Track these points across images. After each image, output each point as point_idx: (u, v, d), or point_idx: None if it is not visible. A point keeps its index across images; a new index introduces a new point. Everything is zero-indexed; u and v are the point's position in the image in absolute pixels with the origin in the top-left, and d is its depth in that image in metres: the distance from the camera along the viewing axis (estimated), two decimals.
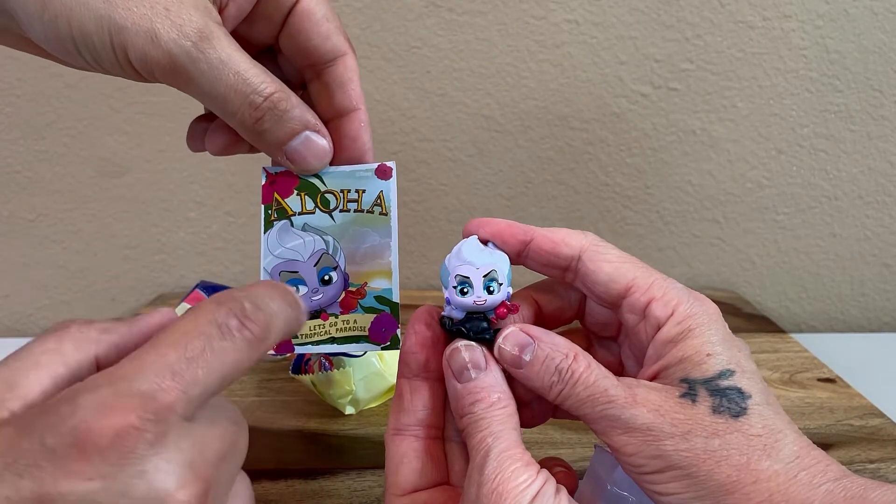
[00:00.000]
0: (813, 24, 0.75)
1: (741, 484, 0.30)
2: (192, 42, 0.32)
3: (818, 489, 0.29)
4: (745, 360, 0.33)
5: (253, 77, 0.33)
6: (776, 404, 0.32)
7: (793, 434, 0.31)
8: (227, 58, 0.33)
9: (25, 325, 0.83)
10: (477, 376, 0.31)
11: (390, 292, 0.38)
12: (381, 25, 0.76)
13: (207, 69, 0.32)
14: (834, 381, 0.57)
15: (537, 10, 0.76)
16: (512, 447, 0.29)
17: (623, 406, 0.31)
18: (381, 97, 0.78)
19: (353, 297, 0.38)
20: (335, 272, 0.39)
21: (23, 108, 0.77)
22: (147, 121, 0.78)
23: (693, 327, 0.33)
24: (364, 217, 0.39)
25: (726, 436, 0.30)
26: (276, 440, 0.48)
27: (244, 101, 0.34)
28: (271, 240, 0.39)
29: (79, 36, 0.32)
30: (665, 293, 0.34)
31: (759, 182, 0.79)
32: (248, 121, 0.34)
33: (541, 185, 0.80)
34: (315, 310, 0.38)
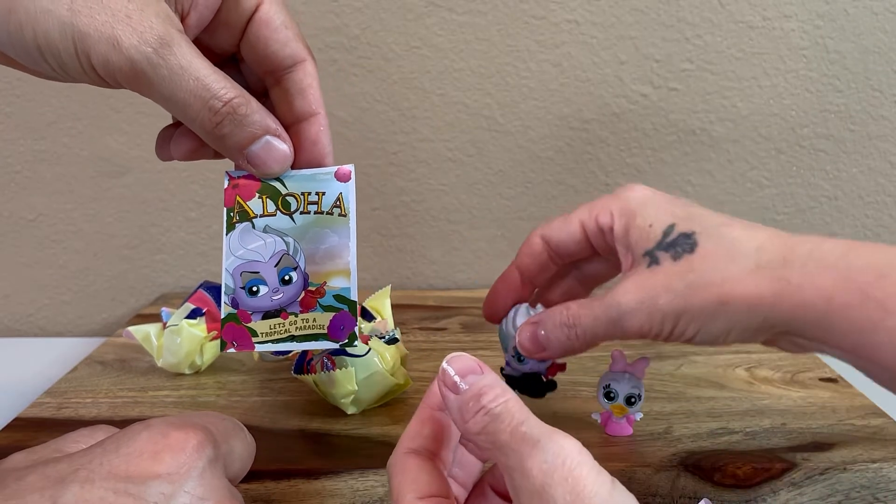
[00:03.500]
0: (813, 24, 0.75)
1: (729, 295, 0.35)
2: (153, 48, 0.33)
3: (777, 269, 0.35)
4: (682, 207, 0.39)
5: (212, 83, 0.34)
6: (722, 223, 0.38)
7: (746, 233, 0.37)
8: (188, 64, 0.34)
9: (25, 325, 0.82)
10: (476, 380, 0.30)
11: (349, 291, 0.40)
12: (381, 25, 0.76)
13: (168, 74, 0.33)
14: (836, 380, 0.57)
15: (537, 10, 0.76)
16: (554, 430, 0.29)
17: (613, 304, 0.38)
18: (381, 97, 0.78)
19: (312, 296, 0.40)
20: (295, 272, 0.40)
21: (23, 108, 0.77)
22: (147, 121, 0.77)
23: (632, 214, 0.40)
24: (324, 218, 0.40)
25: (695, 269, 0.36)
26: (278, 440, 0.48)
27: (204, 105, 0.35)
28: (233, 241, 0.40)
29: (44, 44, 0.32)
30: (606, 204, 0.41)
31: (758, 182, 0.79)
32: (209, 125, 0.35)
33: (541, 185, 0.80)
34: (275, 309, 0.40)
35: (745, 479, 0.45)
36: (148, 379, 0.58)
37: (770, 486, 0.45)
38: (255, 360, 0.57)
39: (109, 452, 0.31)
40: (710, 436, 0.49)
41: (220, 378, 0.58)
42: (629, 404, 0.47)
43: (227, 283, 0.40)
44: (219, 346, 0.41)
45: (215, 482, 0.31)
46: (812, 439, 0.48)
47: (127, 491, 0.29)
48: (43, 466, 0.30)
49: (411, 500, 0.31)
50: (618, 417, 0.48)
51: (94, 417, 0.52)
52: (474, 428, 0.29)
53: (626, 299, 0.38)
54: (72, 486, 0.29)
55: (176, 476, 0.30)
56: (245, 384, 0.57)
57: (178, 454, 0.31)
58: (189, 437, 0.31)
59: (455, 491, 0.34)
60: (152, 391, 0.56)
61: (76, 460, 0.31)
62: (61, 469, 0.30)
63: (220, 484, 0.32)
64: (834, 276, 0.34)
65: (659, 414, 0.52)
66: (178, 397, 0.55)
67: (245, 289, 0.40)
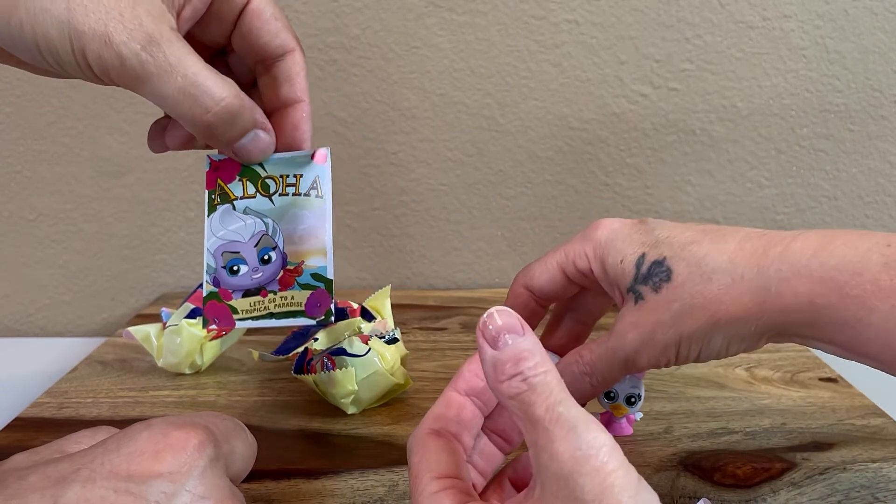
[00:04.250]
0: (813, 25, 0.75)
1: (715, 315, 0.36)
2: (141, 45, 0.34)
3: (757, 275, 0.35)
4: (647, 234, 0.39)
5: (203, 80, 0.35)
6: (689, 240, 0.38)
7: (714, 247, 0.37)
8: (176, 61, 0.35)
9: (25, 325, 0.82)
10: (514, 341, 0.29)
11: (325, 269, 0.41)
12: (381, 25, 0.76)
13: (156, 71, 0.34)
14: (836, 380, 0.57)
15: (537, 10, 0.76)
16: (591, 418, 0.28)
17: (619, 346, 0.38)
18: (381, 97, 0.78)
19: (290, 274, 0.41)
20: (274, 252, 0.41)
21: (23, 108, 0.77)
22: (147, 121, 0.77)
23: (603, 254, 0.40)
24: (301, 200, 0.41)
25: (676, 297, 0.37)
26: (278, 440, 0.48)
27: (194, 103, 0.35)
28: (214, 223, 0.42)
29: (43, 42, 0.34)
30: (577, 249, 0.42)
31: (758, 182, 0.79)
32: (200, 123, 0.36)
33: (541, 185, 0.80)
34: (255, 287, 0.41)
35: (745, 479, 0.45)
36: (148, 379, 0.58)
37: (770, 486, 0.45)
38: (254, 359, 0.57)
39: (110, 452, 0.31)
40: (709, 436, 0.49)
41: (220, 378, 0.58)
42: (629, 404, 0.47)
43: (208, 262, 0.42)
44: (201, 324, 0.42)
45: (216, 481, 0.31)
46: (812, 439, 0.48)
47: (128, 490, 0.29)
48: (44, 466, 0.31)
49: (429, 479, 0.31)
50: (618, 417, 0.48)
51: (94, 417, 0.52)
52: (508, 391, 0.29)
53: (628, 340, 0.38)
54: (73, 486, 0.29)
55: (177, 475, 0.30)
56: (245, 384, 0.57)
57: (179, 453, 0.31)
58: (190, 437, 0.31)
59: (474, 479, 0.34)
60: (152, 391, 0.56)
61: (77, 460, 0.31)
62: (62, 469, 0.30)
63: (222, 483, 0.32)
64: (810, 279, 0.34)
65: (659, 414, 0.52)
66: (178, 397, 0.55)
67: (226, 268, 0.41)
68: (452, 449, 0.33)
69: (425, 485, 0.31)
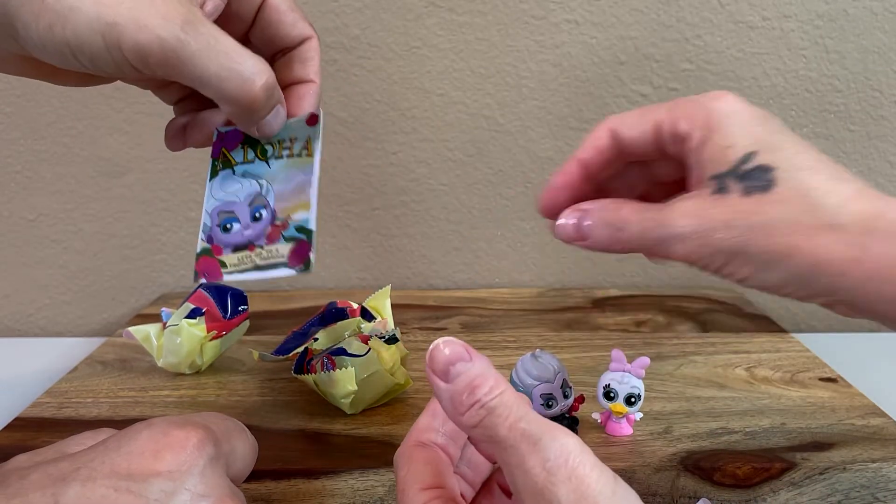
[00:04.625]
0: (812, 25, 0.75)
1: (794, 248, 0.32)
2: (180, 25, 0.34)
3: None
4: (770, 133, 0.35)
5: (245, 57, 0.36)
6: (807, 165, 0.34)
7: (830, 184, 0.33)
8: (215, 41, 0.35)
9: (25, 325, 0.82)
10: (466, 369, 0.29)
11: (308, 221, 0.41)
12: (381, 26, 0.76)
13: (197, 50, 0.34)
14: (835, 380, 0.58)
15: (537, 10, 0.76)
16: (554, 426, 0.28)
17: (667, 223, 0.35)
18: (381, 97, 0.78)
19: (277, 229, 0.42)
20: (265, 210, 0.42)
21: (23, 108, 0.77)
22: (147, 120, 0.78)
23: (712, 128, 0.35)
24: (294, 161, 0.43)
25: (764, 211, 0.33)
26: (278, 440, 0.48)
27: (241, 80, 0.36)
28: (215, 187, 0.44)
29: (73, 40, 0.33)
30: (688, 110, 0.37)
31: None
32: (245, 100, 0.36)
33: (541, 186, 0.80)
34: (244, 243, 0.42)
35: (745, 479, 0.45)
36: (148, 379, 0.58)
37: (770, 486, 0.45)
38: (254, 360, 0.57)
39: (111, 451, 0.31)
40: (709, 436, 0.49)
41: (220, 378, 0.58)
42: (629, 404, 0.47)
43: (205, 222, 0.43)
44: (192, 278, 0.42)
45: (216, 480, 0.32)
46: (812, 439, 0.48)
47: (128, 489, 0.29)
48: (45, 465, 0.31)
49: (416, 491, 0.31)
50: (618, 417, 0.48)
51: (94, 417, 0.52)
52: (470, 422, 0.28)
53: (681, 223, 0.34)
54: (73, 485, 0.29)
55: (177, 474, 0.30)
56: (245, 384, 0.57)
57: (179, 452, 0.31)
58: (190, 436, 0.31)
59: (463, 489, 0.34)
60: (152, 391, 0.56)
61: (78, 459, 0.31)
62: (63, 468, 0.30)
63: (221, 482, 0.32)
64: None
65: (659, 414, 0.52)
66: (178, 397, 0.55)
67: (220, 226, 0.43)
68: (439, 459, 0.32)
69: (412, 497, 0.31)
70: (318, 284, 0.82)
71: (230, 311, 0.58)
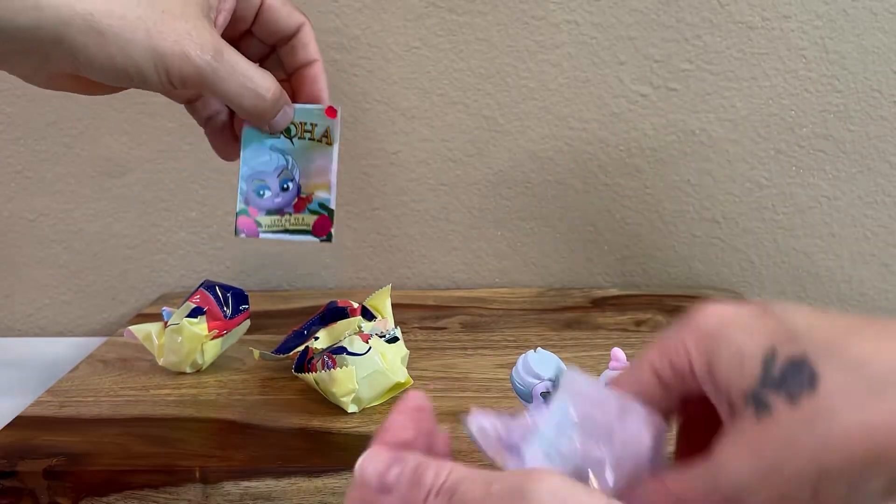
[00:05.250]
0: (812, 25, 0.75)
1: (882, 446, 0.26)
2: (212, 55, 0.43)
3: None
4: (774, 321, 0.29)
5: (259, 79, 0.46)
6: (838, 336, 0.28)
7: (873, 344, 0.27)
8: (236, 65, 0.44)
9: (26, 325, 0.83)
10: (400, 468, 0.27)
11: (329, 201, 0.51)
12: (382, 26, 0.76)
13: (224, 74, 0.44)
14: None
15: (537, 10, 0.76)
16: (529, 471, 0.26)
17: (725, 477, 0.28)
18: (381, 97, 0.78)
19: (303, 201, 0.52)
20: (291, 183, 0.52)
21: (24, 108, 0.77)
22: (148, 121, 0.78)
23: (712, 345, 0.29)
24: (315, 144, 0.52)
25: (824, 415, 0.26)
26: (279, 439, 0.49)
27: (254, 95, 0.46)
28: (247, 155, 0.51)
29: (132, 67, 0.42)
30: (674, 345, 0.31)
31: (758, 182, 0.79)
32: (257, 110, 0.47)
33: (541, 185, 0.80)
34: (276, 208, 0.51)
35: None
36: (149, 378, 0.58)
37: None
38: (255, 359, 0.57)
39: None
40: None
41: (221, 377, 0.58)
42: None
43: (241, 186, 0.52)
44: (234, 232, 0.52)
45: None
46: None
47: None
48: None
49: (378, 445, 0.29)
50: None
51: (95, 416, 0.52)
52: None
53: (738, 470, 0.28)
54: None
55: None
56: (246, 383, 0.57)
57: None
58: None
59: None
60: (153, 390, 0.56)
61: None
62: None
63: None
64: None
65: None
66: (179, 396, 0.55)
67: (255, 192, 0.52)
68: None
69: None
70: (319, 284, 0.83)
71: (231, 311, 0.58)
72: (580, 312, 0.73)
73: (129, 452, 0.47)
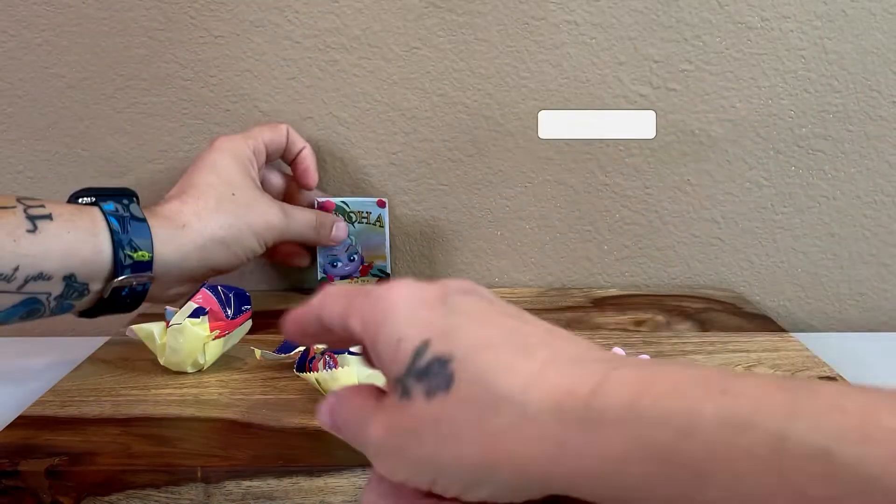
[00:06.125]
0: (811, 25, 0.76)
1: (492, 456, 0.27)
2: (283, 219, 0.67)
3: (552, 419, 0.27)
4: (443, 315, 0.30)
5: (310, 219, 0.71)
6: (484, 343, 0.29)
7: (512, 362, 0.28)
8: (294, 216, 0.69)
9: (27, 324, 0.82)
10: None
11: (385, 267, 0.76)
12: (382, 26, 0.76)
13: (293, 225, 0.69)
14: (835, 379, 0.58)
15: (537, 10, 0.76)
16: None
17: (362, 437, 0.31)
18: (382, 97, 0.78)
19: (366, 268, 0.76)
20: (356, 255, 0.76)
21: (24, 109, 0.77)
22: (148, 121, 0.78)
23: (379, 322, 0.31)
24: (371, 227, 0.75)
25: (448, 418, 0.28)
26: (280, 438, 0.49)
27: (308, 228, 0.71)
28: None
29: (249, 253, 0.66)
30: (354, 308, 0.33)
31: (757, 182, 0.80)
32: (311, 235, 0.71)
33: (540, 185, 0.80)
34: (346, 275, 0.76)
35: None
36: (151, 377, 0.58)
37: None
38: (257, 358, 0.58)
39: None
40: None
41: (222, 376, 0.58)
42: None
43: (319, 260, 0.76)
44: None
45: None
46: None
47: None
48: None
49: None
50: None
51: (97, 415, 0.52)
52: None
53: (374, 436, 0.30)
54: None
55: None
56: (247, 383, 0.57)
57: None
58: None
59: None
60: (155, 389, 0.56)
61: None
62: None
63: None
64: (624, 436, 0.25)
65: None
66: (180, 395, 0.55)
67: (329, 264, 0.75)
68: None
69: None
70: None
71: (233, 311, 0.59)
72: (580, 312, 0.73)
73: (131, 452, 0.47)
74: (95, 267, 0.56)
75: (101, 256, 0.56)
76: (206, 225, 0.61)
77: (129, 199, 0.60)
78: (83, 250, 0.55)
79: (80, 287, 0.56)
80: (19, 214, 0.54)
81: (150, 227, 0.58)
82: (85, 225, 0.56)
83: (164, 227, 0.59)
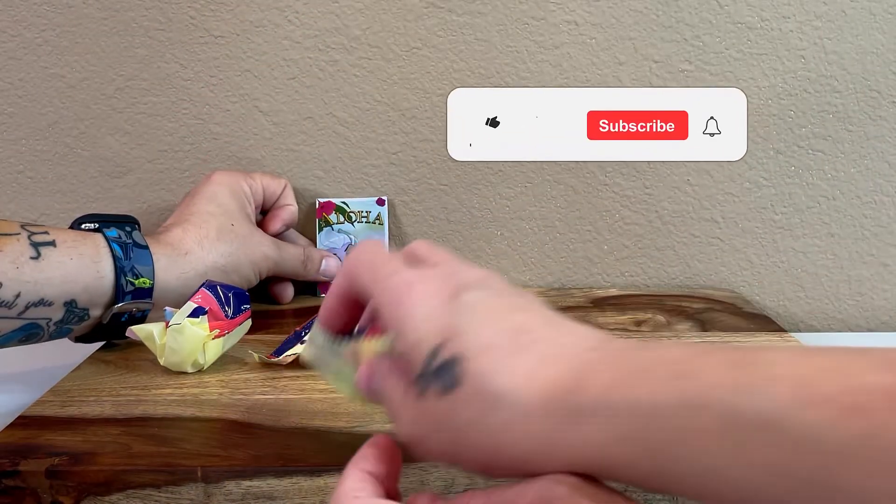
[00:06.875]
0: (811, 25, 0.76)
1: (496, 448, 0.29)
2: (276, 252, 0.71)
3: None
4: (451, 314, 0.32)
5: (298, 254, 0.73)
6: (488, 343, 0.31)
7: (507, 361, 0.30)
8: (285, 250, 0.72)
9: None
10: None
11: None
12: (382, 26, 0.76)
13: (286, 259, 0.72)
14: None
15: (537, 10, 0.76)
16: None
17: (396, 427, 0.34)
18: (382, 97, 0.78)
19: None
20: None
21: (25, 109, 0.77)
22: (148, 121, 0.78)
23: (402, 318, 0.33)
24: (371, 225, 0.78)
25: (456, 415, 0.30)
26: (280, 438, 0.49)
27: (297, 263, 0.73)
28: (321, 238, 0.78)
29: (245, 281, 0.68)
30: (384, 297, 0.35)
31: (757, 182, 0.80)
32: (300, 270, 0.74)
33: (540, 185, 0.80)
34: None
35: None
36: (151, 377, 0.58)
37: None
38: (255, 360, 0.58)
39: None
40: None
41: (222, 376, 0.58)
42: None
43: None
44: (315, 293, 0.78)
45: None
46: None
47: None
48: None
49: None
50: None
51: (97, 415, 0.52)
52: None
53: (403, 429, 0.33)
54: None
55: None
56: (247, 382, 0.57)
57: None
58: None
59: None
60: (155, 389, 0.56)
61: None
62: None
63: None
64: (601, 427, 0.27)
65: None
66: (180, 395, 0.55)
67: None
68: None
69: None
70: None
71: (232, 310, 0.59)
72: (580, 312, 0.73)
73: (131, 452, 0.47)
74: (97, 293, 0.57)
75: (102, 283, 0.57)
76: (208, 253, 0.64)
77: (131, 227, 0.61)
78: (85, 277, 0.56)
79: (80, 313, 0.57)
80: (23, 241, 0.54)
81: (153, 254, 0.60)
82: (88, 251, 0.57)
83: (166, 254, 0.61)
